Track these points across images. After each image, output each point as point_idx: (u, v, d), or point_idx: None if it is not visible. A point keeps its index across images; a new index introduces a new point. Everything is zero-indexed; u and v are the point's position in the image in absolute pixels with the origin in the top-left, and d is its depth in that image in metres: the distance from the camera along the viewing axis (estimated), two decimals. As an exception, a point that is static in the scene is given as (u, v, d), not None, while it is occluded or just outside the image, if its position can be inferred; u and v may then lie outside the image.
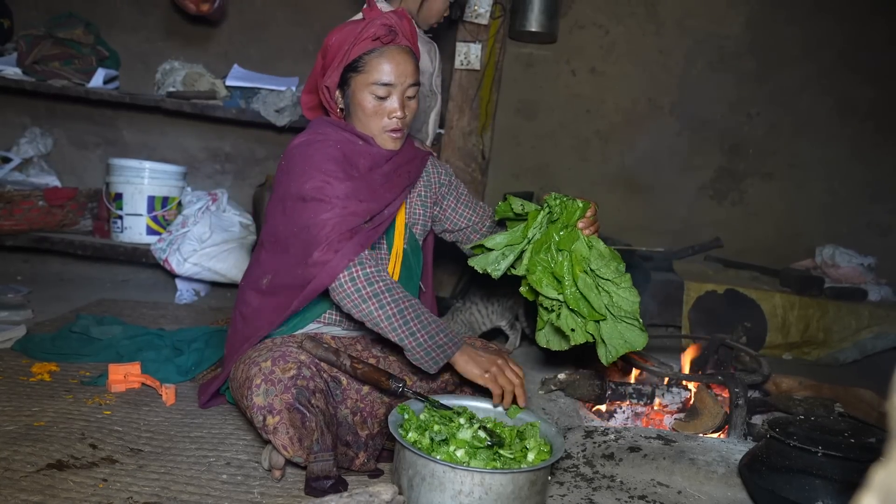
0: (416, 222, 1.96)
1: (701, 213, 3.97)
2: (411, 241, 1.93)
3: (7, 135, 3.70)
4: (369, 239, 1.72)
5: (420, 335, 1.60)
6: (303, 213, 1.70)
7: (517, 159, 3.93)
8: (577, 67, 3.90)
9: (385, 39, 1.75)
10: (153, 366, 2.23)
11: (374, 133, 1.82)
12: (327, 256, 1.63)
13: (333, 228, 1.65)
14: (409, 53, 1.79)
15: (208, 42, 3.77)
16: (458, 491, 1.34)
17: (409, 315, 1.61)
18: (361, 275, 1.61)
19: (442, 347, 1.61)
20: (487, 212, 2.08)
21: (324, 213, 1.68)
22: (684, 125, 3.93)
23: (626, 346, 1.63)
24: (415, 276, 1.93)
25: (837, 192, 3.96)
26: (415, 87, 1.81)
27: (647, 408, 2.22)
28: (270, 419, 1.51)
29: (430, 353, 1.61)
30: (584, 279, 1.61)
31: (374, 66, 1.75)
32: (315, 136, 1.82)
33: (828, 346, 3.34)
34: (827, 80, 3.88)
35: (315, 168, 1.73)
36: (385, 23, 1.75)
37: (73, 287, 3.44)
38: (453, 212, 2.04)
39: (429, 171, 2.01)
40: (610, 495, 1.67)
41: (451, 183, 2.06)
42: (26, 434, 1.73)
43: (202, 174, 3.85)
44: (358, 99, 1.79)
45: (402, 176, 1.88)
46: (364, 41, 1.75)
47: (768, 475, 1.57)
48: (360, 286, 1.61)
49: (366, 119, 1.80)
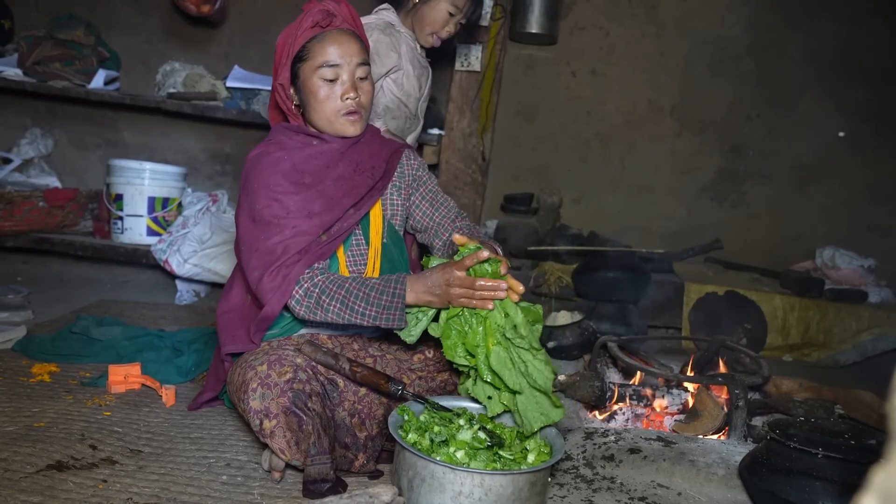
0: (395, 213, 1.94)
1: (701, 214, 3.97)
2: (391, 233, 1.92)
3: (8, 136, 3.71)
4: (323, 255, 1.73)
5: (368, 310, 1.62)
6: (251, 234, 1.73)
7: (517, 161, 3.94)
8: (578, 69, 3.90)
9: (324, 23, 1.76)
10: (153, 367, 2.23)
11: (331, 120, 1.79)
12: (275, 283, 1.65)
13: (283, 253, 1.68)
14: (351, 35, 1.80)
15: (209, 43, 3.77)
16: (457, 492, 1.34)
17: (351, 300, 1.63)
18: (302, 292, 1.65)
19: (391, 306, 1.61)
20: (451, 216, 1.99)
21: (273, 236, 1.70)
22: (684, 127, 3.94)
23: (544, 418, 1.52)
24: (399, 268, 1.92)
25: (837, 194, 3.96)
26: (364, 67, 1.80)
27: (647, 409, 2.22)
28: (267, 423, 1.51)
29: (387, 317, 1.61)
30: (498, 353, 1.52)
31: (318, 49, 1.76)
32: (267, 148, 1.83)
33: (828, 347, 3.34)
34: (827, 82, 3.88)
35: (263, 185, 1.75)
36: (322, 8, 1.78)
37: (74, 288, 3.44)
38: (417, 209, 1.99)
39: (402, 161, 1.98)
40: (610, 497, 1.66)
41: (422, 178, 2.01)
42: (26, 435, 1.73)
43: (202, 175, 3.86)
44: (309, 87, 1.78)
45: (365, 174, 1.84)
46: (305, 30, 1.77)
47: (768, 477, 1.57)
48: (305, 304, 1.66)
49: (319, 106, 1.78)
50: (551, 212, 3.71)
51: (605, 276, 3.00)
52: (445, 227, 1.96)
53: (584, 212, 3.93)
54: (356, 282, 1.66)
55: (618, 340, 2.34)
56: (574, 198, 3.94)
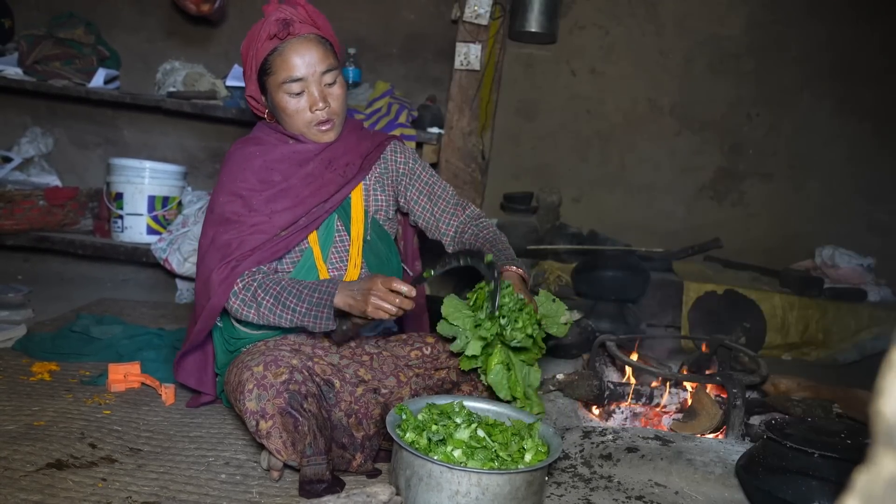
0: (378, 209, 1.93)
1: (700, 213, 3.98)
2: (375, 227, 1.91)
3: (8, 134, 3.71)
4: (277, 252, 1.74)
5: (299, 307, 1.63)
6: (210, 227, 1.76)
7: (517, 160, 3.94)
8: (578, 68, 3.90)
9: (282, 35, 1.70)
10: (153, 365, 2.24)
11: (304, 131, 1.79)
12: (223, 275, 1.68)
13: (237, 248, 1.70)
14: (313, 41, 1.73)
15: (209, 42, 3.78)
16: (454, 491, 1.35)
17: (284, 296, 1.65)
18: (241, 284, 1.69)
19: (319, 303, 1.62)
20: (449, 208, 1.95)
21: (229, 231, 1.72)
22: (684, 125, 3.94)
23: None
24: (388, 263, 1.92)
25: (837, 193, 3.96)
26: (332, 73, 1.75)
27: (645, 408, 2.23)
28: (263, 424, 1.52)
29: (316, 315, 1.62)
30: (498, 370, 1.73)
31: (279, 64, 1.72)
32: (244, 145, 1.84)
33: (827, 346, 3.35)
34: (826, 81, 3.88)
35: (230, 181, 1.77)
36: (277, 18, 1.70)
37: (74, 286, 3.45)
38: (416, 204, 1.96)
39: (387, 156, 1.95)
40: (607, 496, 1.67)
41: (413, 172, 1.96)
42: (26, 433, 1.73)
43: (203, 174, 3.86)
44: (277, 101, 1.76)
45: (337, 171, 1.83)
46: (263, 43, 1.72)
47: (765, 476, 1.58)
48: (241, 296, 1.69)
49: (290, 119, 1.78)
50: (551, 211, 3.72)
51: (604, 275, 3.00)
52: (445, 222, 1.95)
53: (584, 211, 3.94)
54: (293, 281, 1.69)
55: (616, 339, 2.35)
56: (574, 197, 3.94)
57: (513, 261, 1.81)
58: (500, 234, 1.94)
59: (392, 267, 1.95)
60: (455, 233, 1.95)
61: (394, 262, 1.96)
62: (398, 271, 1.98)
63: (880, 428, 0.39)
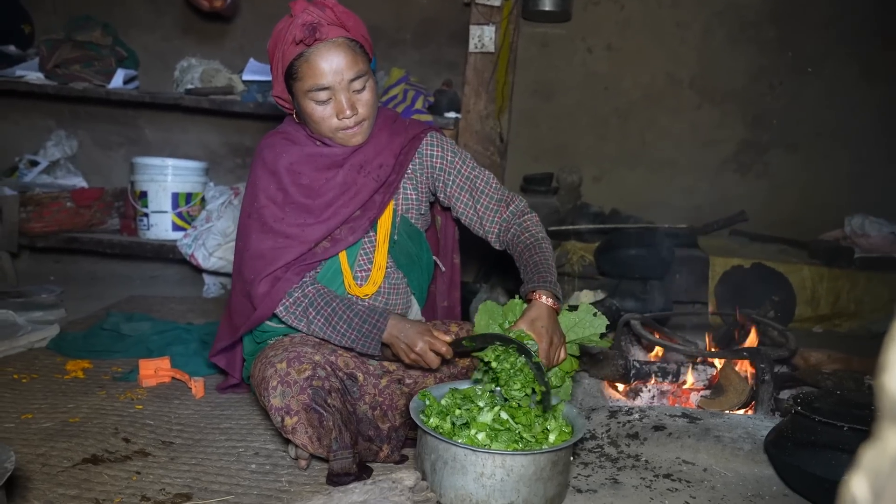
0: (409, 208, 1.86)
1: (725, 187, 3.92)
2: (405, 227, 1.85)
3: (34, 138, 3.79)
4: (314, 263, 1.74)
5: (349, 333, 1.66)
6: (247, 232, 1.77)
7: (535, 141, 3.91)
8: (593, 45, 3.85)
9: (308, 41, 1.61)
10: (182, 360, 2.28)
11: (331, 136, 1.74)
12: (265, 289, 1.70)
13: (273, 261, 1.70)
14: (341, 45, 1.64)
15: (223, 38, 3.80)
16: (479, 473, 1.36)
17: (335, 320, 1.67)
18: (291, 301, 1.70)
19: (369, 336, 1.65)
20: (492, 205, 1.85)
21: (266, 240, 1.72)
22: (705, 98, 3.87)
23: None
24: (419, 261, 1.89)
25: (865, 160, 3.87)
26: (361, 79, 1.67)
27: (672, 386, 2.21)
28: (288, 420, 1.53)
29: (364, 344, 1.66)
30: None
31: (306, 71, 1.64)
32: (273, 139, 1.81)
33: (859, 317, 3.29)
34: (852, 46, 3.78)
35: (264, 182, 1.76)
36: (303, 22, 1.61)
37: (105, 285, 3.52)
38: (458, 201, 1.87)
39: (422, 150, 1.85)
40: (635, 474, 1.67)
41: (453, 166, 1.86)
42: (62, 430, 1.78)
43: (224, 169, 3.90)
44: (303, 107, 1.71)
45: (370, 175, 1.77)
46: (289, 47, 1.64)
47: (794, 451, 1.56)
48: (292, 312, 1.70)
49: (317, 126, 1.72)
50: (572, 191, 3.69)
51: (627, 253, 2.97)
52: (489, 219, 1.86)
53: (605, 189, 3.90)
54: (344, 303, 1.69)
55: (641, 318, 2.33)
56: (594, 176, 3.91)
57: (544, 283, 1.67)
58: (542, 237, 1.81)
59: (423, 265, 1.91)
60: (499, 231, 1.86)
61: (424, 259, 1.92)
62: (429, 268, 1.95)
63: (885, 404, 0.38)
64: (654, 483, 1.63)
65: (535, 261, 1.73)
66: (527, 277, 1.70)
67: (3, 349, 2.34)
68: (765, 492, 1.61)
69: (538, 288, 1.66)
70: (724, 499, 1.57)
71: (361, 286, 1.79)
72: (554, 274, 1.71)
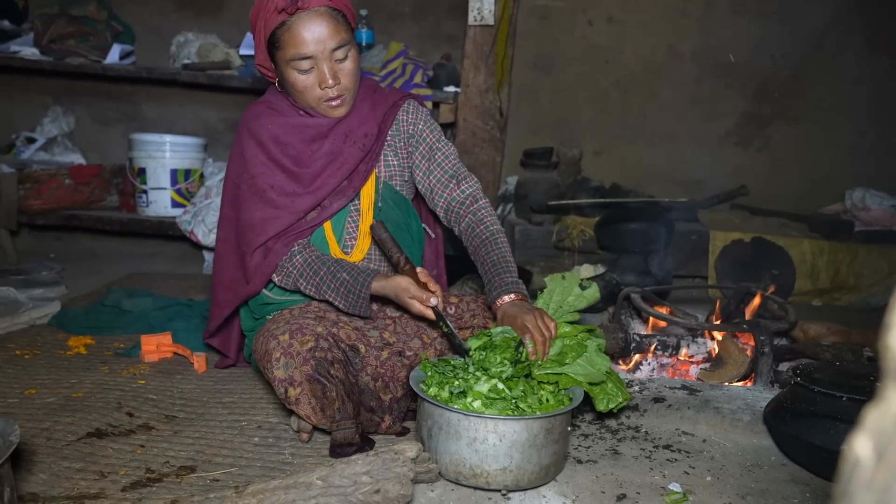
0: (392, 174, 1.87)
1: (725, 160, 3.90)
2: (390, 194, 1.86)
3: (30, 115, 3.76)
4: (304, 232, 1.77)
5: (337, 301, 1.69)
6: (237, 203, 1.80)
7: (536, 115, 3.88)
8: (594, 17, 3.81)
9: (290, 10, 1.61)
10: (184, 335, 2.29)
11: (314, 106, 1.75)
12: (256, 261, 1.76)
13: (262, 232, 1.74)
14: (323, 14, 1.64)
15: (220, 11, 3.76)
16: (472, 438, 1.37)
17: (323, 289, 1.70)
18: (283, 274, 1.75)
19: (356, 303, 1.67)
20: (444, 179, 1.84)
21: (255, 211, 1.75)
22: (706, 71, 3.84)
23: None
24: (407, 228, 1.90)
25: (867, 133, 3.85)
26: (343, 48, 1.67)
27: (672, 359, 2.23)
28: (292, 391, 1.55)
29: (353, 307, 1.68)
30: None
31: (288, 40, 1.64)
32: (256, 109, 1.82)
33: (859, 290, 3.30)
34: (855, 17, 3.74)
35: (251, 152, 1.78)
36: None
37: (105, 262, 3.52)
38: (417, 168, 1.88)
39: (399, 116, 1.87)
40: (635, 445, 1.68)
41: (420, 133, 1.87)
42: (66, 405, 1.79)
43: (222, 144, 3.88)
44: (286, 76, 1.71)
45: (356, 144, 1.78)
46: (272, 15, 1.63)
47: (792, 421, 1.57)
48: (284, 282, 1.77)
49: (299, 95, 1.73)
50: (572, 165, 3.68)
51: (627, 227, 2.97)
52: (438, 193, 1.86)
53: (606, 163, 3.89)
54: (330, 271, 1.70)
55: (641, 291, 2.33)
56: (595, 150, 3.89)
57: (505, 286, 1.66)
58: (496, 230, 1.79)
59: (412, 233, 1.92)
60: (446, 208, 1.85)
61: (413, 227, 1.93)
62: (419, 236, 1.96)
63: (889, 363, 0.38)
64: (653, 454, 1.64)
65: (493, 259, 1.72)
66: (487, 283, 1.70)
67: (5, 326, 2.35)
68: (763, 461, 1.63)
69: (500, 295, 1.66)
70: (723, 469, 1.59)
71: (349, 254, 1.83)
72: (513, 270, 1.71)
